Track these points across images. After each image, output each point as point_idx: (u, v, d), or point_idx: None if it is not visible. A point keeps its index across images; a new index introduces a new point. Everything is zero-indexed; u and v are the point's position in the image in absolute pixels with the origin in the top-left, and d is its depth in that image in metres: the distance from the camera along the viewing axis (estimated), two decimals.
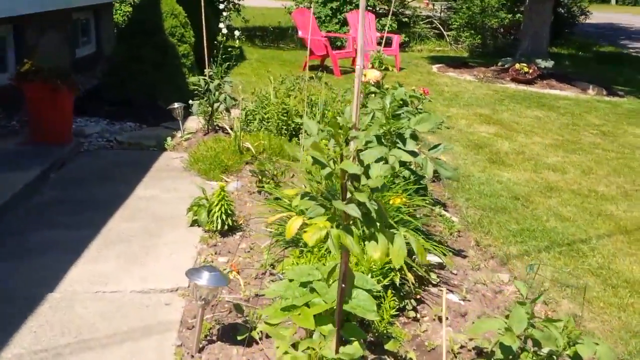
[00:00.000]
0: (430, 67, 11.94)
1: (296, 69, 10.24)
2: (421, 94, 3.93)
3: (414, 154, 3.18)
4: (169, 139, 5.56)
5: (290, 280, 2.35)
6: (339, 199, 1.98)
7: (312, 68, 10.43)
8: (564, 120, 7.75)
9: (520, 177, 5.31)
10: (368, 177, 1.97)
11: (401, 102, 3.99)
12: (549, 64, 10.59)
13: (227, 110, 5.71)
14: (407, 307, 2.94)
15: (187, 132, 5.81)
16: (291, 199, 3.44)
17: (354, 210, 1.88)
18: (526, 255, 3.71)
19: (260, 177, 4.19)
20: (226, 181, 4.66)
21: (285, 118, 5.46)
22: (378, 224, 1.96)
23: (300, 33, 10.22)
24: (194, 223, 3.80)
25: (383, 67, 6.07)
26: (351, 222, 1.98)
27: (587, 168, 5.72)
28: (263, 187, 4.23)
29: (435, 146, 3.27)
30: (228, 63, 5.91)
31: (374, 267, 2.87)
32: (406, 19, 15.44)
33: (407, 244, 1.99)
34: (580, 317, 3.03)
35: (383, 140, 3.26)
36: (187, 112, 5.83)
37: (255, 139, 5.22)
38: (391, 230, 2.02)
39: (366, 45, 10.85)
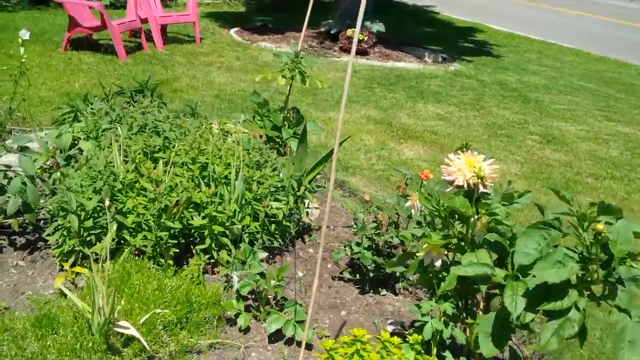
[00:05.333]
0: (226, 32, 9.19)
1: (50, 48, 6.76)
2: None
3: None
4: None
5: None
6: None
7: (75, 46, 6.99)
8: (473, 118, 5.88)
9: None
10: None
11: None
12: (380, 26, 8.68)
13: (30, 209, 2.56)
14: None
15: None
16: None
17: None
18: None
19: None
20: None
21: (170, 221, 2.56)
22: None
23: None
24: None
25: (307, 81, 3.46)
26: None
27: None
28: None
29: None
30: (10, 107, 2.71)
31: None
32: None
33: None
34: None
35: None
36: None
37: (126, 288, 2.29)
38: None
39: (148, 9, 7.68)
